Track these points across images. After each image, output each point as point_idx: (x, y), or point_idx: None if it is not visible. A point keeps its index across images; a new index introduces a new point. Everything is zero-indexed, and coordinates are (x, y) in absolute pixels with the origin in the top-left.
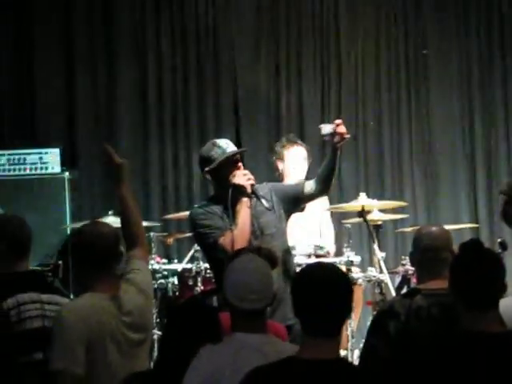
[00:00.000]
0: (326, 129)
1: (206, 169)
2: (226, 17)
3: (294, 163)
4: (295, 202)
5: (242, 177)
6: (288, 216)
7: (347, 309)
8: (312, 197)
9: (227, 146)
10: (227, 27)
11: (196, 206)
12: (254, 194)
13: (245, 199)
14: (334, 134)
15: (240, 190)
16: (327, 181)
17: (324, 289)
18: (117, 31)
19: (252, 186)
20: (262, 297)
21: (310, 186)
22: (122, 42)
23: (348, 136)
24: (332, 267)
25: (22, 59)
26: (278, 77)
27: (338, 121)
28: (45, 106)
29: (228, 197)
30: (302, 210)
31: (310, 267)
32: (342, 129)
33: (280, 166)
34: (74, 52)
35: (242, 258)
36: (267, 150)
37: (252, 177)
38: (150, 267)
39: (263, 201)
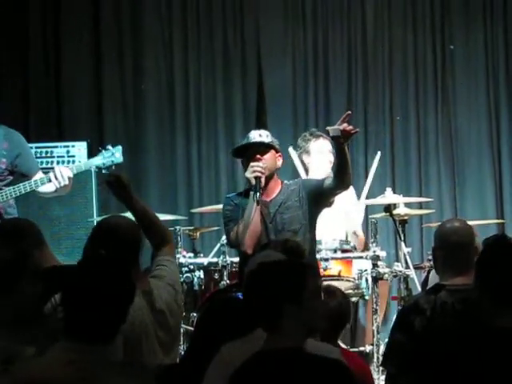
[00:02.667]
0: (334, 131)
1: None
2: (251, 4)
3: (320, 157)
4: (319, 197)
5: (249, 169)
6: (316, 211)
7: None
8: (332, 191)
9: (253, 136)
10: (253, 17)
11: (227, 195)
12: (256, 187)
13: (251, 192)
14: (341, 133)
15: (250, 183)
16: (341, 175)
17: None
18: (144, 23)
19: (257, 178)
20: None
21: (329, 181)
22: (148, 34)
23: (356, 130)
24: None
25: (49, 51)
26: (305, 72)
27: (345, 125)
28: (72, 99)
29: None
30: (329, 205)
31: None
32: (349, 127)
33: (306, 159)
34: (101, 45)
35: (260, 253)
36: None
37: (259, 169)
38: (176, 261)
39: (290, 195)
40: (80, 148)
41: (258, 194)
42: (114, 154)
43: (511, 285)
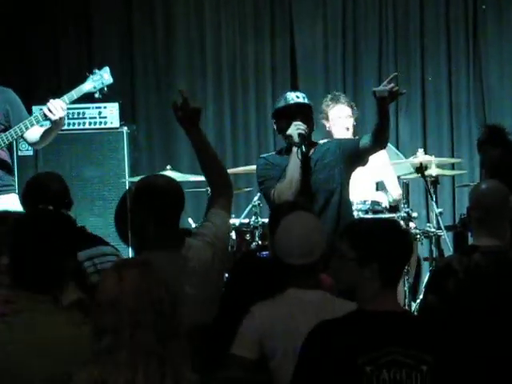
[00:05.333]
0: (381, 92)
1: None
2: None
3: (338, 121)
4: (355, 156)
5: (292, 127)
6: (351, 171)
7: (407, 258)
8: (368, 151)
9: (291, 98)
10: None
11: (262, 155)
12: (303, 144)
13: (294, 149)
14: (388, 94)
15: (290, 140)
16: (380, 136)
17: (400, 239)
18: None
19: (301, 135)
20: (307, 252)
21: (366, 140)
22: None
23: (403, 92)
24: (392, 220)
25: (79, 11)
26: (335, 33)
27: (392, 85)
28: (103, 61)
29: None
30: (364, 164)
31: (381, 220)
32: (396, 88)
33: (327, 124)
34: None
35: (291, 214)
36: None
37: (303, 126)
38: (228, 215)
39: (326, 153)
40: (112, 109)
41: (305, 148)
42: (102, 76)
43: None
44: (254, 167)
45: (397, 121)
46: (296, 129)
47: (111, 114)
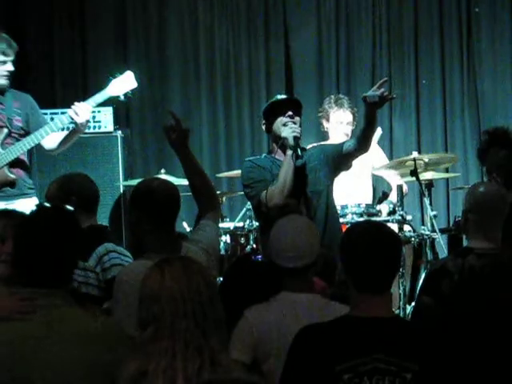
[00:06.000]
0: (372, 98)
1: (262, 123)
2: None
3: (338, 127)
4: (338, 160)
5: (287, 129)
6: (334, 175)
7: (396, 264)
8: (351, 155)
9: (280, 96)
10: None
11: (247, 158)
12: (297, 147)
13: (288, 152)
14: (379, 99)
15: (284, 142)
16: (366, 141)
17: (373, 245)
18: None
19: (296, 138)
20: (300, 255)
21: (349, 144)
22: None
23: (393, 96)
24: (380, 225)
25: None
26: (329, 34)
27: (382, 90)
28: (97, 65)
29: (275, 150)
30: (348, 168)
31: (358, 225)
32: (386, 93)
33: (325, 124)
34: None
35: (284, 218)
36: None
37: (298, 129)
38: (217, 227)
39: (310, 157)
40: (106, 113)
41: (300, 152)
42: (126, 80)
43: None
44: None
45: (391, 122)
46: (292, 131)
47: (105, 118)
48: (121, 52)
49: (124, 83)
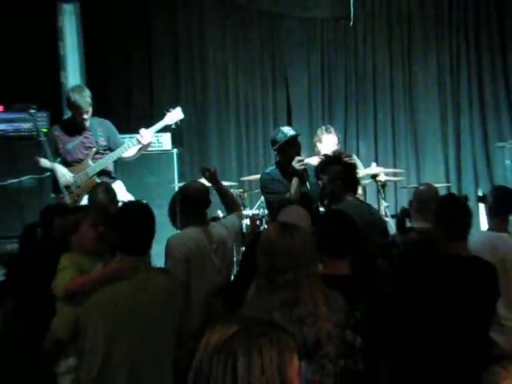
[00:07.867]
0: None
1: (274, 148)
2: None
3: (329, 146)
4: None
5: (297, 162)
6: None
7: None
8: None
9: (288, 131)
10: (281, 51)
11: (265, 171)
12: (301, 177)
13: (295, 180)
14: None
15: (295, 172)
16: None
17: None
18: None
19: (304, 170)
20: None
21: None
22: (210, 63)
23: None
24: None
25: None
26: (316, 87)
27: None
28: (160, 98)
29: (288, 171)
30: None
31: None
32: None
33: (319, 146)
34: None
35: (287, 207)
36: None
37: (304, 162)
38: (238, 218)
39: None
40: (166, 137)
41: (305, 178)
42: (177, 113)
43: (460, 225)
44: (259, 176)
45: (357, 142)
46: (300, 164)
47: (165, 140)
48: (175, 92)
49: (175, 115)
